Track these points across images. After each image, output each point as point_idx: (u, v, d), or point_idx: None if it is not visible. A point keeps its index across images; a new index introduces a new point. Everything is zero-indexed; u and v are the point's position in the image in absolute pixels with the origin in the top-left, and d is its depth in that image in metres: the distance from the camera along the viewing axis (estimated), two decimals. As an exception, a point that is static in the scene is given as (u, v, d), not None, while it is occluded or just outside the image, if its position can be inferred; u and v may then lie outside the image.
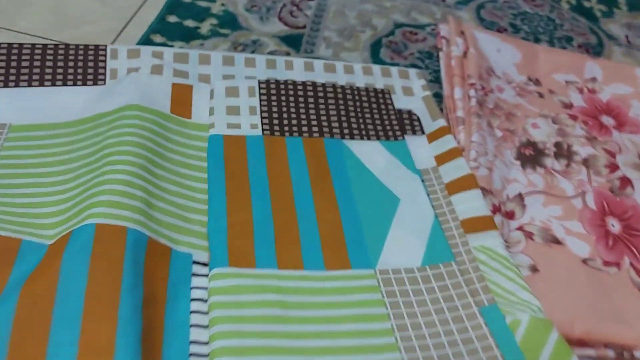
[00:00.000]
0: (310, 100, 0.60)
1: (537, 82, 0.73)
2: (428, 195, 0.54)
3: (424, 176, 0.57)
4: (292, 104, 0.60)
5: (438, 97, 0.70)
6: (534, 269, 0.50)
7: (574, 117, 0.68)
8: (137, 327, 0.36)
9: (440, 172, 0.57)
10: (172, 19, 0.72)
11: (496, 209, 0.54)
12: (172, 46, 0.67)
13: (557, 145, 0.63)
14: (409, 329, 0.42)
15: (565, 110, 0.69)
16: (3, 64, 0.56)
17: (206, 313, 0.41)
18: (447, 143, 0.59)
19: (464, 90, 0.66)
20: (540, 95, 0.71)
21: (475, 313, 0.43)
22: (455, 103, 0.65)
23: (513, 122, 0.65)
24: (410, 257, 0.48)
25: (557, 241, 0.53)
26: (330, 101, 0.61)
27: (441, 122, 0.62)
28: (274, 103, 0.59)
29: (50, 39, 0.65)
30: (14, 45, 0.57)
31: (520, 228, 0.54)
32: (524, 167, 0.60)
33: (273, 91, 0.60)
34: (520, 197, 0.57)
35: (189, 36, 0.70)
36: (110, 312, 0.36)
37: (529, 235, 0.53)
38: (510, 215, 0.55)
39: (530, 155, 0.62)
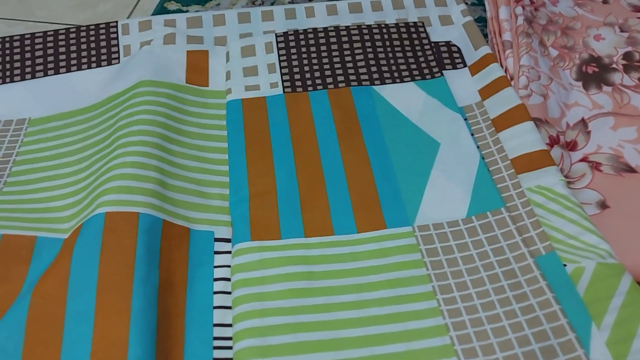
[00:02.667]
0: (334, 47, 0.55)
1: (600, -14, 0.63)
2: (472, 134, 0.48)
3: (467, 114, 0.50)
4: (313, 55, 0.55)
5: (482, 21, 0.62)
6: (602, 206, 0.43)
7: (647, 20, 0.58)
8: (151, 317, 0.34)
9: (485, 106, 0.50)
10: (187, -18, 0.68)
11: (554, 141, 0.47)
12: (186, 11, 0.64)
13: (627, 56, 0.54)
14: (453, 290, 0.37)
15: (636, 14, 0.59)
16: (18, 56, 0.55)
17: (230, 293, 0.38)
18: (492, 73, 0.52)
19: (510, 8, 0.58)
20: (604, 1, 0.61)
21: (530, 265, 0.38)
22: (501, 25, 0.57)
23: (571, 37, 0.57)
24: (453, 208, 0.43)
25: (630, 169, 0.45)
26: (356, 45, 0.55)
27: (485, 50, 0.54)
28: (294, 56, 0.54)
29: (68, 24, 0.64)
30: (26, 36, 0.56)
31: (584, 159, 0.46)
32: (587, 88, 0.52)
33: (292, 43, 0.55)
34: (583, 122, 0.49)
35: (205, -2, 0.66)
36: (123, 304, 0.34)
37: (596, 166, 0.46)
38: (571, 146, 0.47)
39: (594, 73, 0.53)
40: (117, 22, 0.58)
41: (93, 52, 0.56)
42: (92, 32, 0.57)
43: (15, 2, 0.67)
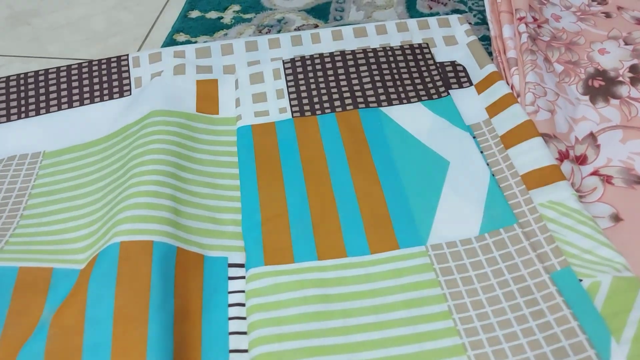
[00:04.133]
0: (340, 71, 0.56)
1: (602, 1, 0.64)
2: (481, 152, 0.48)
3: (475, 132, 0.51)
4: (320, 79, 0.55)
5: (486, 40, 0.63)
6: (616, 219, 0.43)
7: (651, 33, 0.58)
8: (168, 345, 0.34)
9: (493, 124, 0.51)
10: (194, 14, 0.70)
11: (563, 156, 0.47)
12: (195, 42, 0.65)
13: (633, 68, 0.54)
14: (469, 308, 0.37)
15: (639, 27, 0.59)
16: (32, 92, 0.57)
17: (245, 318, 0.38)
18: (498, 90, 0.52)
19: (513, 26, 0.59)
20: (607, 16, 0.61)
21: (545, 281, 0.37)
22: (505, 43, 0.58)
23: (575, 52, 0.57)
24: (465, 226, 0.43)
25: (642, 181, 0.45)
26: (362, 68, 0.56)
27: (490, 68, 0.55)
28: (302, 82, 0.55)
29: (80, 58, 0.65)
30: (40, 72, 0.58)
31: (595, 172, 0.46)
32: (594, 101, 0.52)
33: (299, 69, 0.56)
34: (592, 136, 0.49)
35: (212, 28, 0.67)
36: (140, 333, 0.34)
37: (607, 180, 0.46)
38: (581, 160, 0.48)
39: (601, 87, 0.53)
40: (127, 55, 0.59)
41: (105, 85, 0.57)
42: (103, 66, 0.58)
43: (28, 39, 0.68)
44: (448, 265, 0.40)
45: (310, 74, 0.56)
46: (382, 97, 0.54)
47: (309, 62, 0.57)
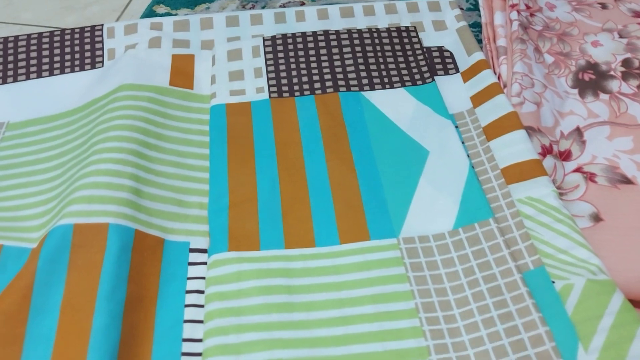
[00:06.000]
0: (323, 51, 0.54)
1: (599, -9, 0.61)
2: (463, 142, 0.46)
3: (458, 121, 0.49)
4: (301, 59, 0.53)
5: (478, 26, 0.61)
6: (596, 219, 0.41)
7: (647, 26, 0.56)
8: (114, 335, 0.33)
9: (477, 114, 0.49)
10: (177, -15, 0.67)
11: (546, 151, 0.45)
12: (175, 15, 0.63)
13: (626, 63, 0.53)
14: (437, 309, 0.36)
15: (636, 20, 0.57)
16: (0, 59, 0.54)
17: (203, 306, 0.37)
18: (484, 79, 0.50)
19: (505, 14, 0.57)
20: (603, 7, 0.59)
21: (516, 281, 0.36)
22: (495, 31, 0.56)
23: (568, 43, 0.55)
24: (440, 219, 0.41)
25: (626, 180, 0.44)
26: (345, 50, 0.54)
27: (478, 56, 0.53)
28: (282, 61, 0.53)
29: (54, 27, 0.62)
30: (10, 39, 0.55)
31: (578, 169, 0.45)
32: (583, 95, 0.50)
33: (280, 47, 0.54)
34: (578, 131, 0.47)
35: (194, 1, 0.65)
36: (84, 324, 0.32)
37: (591, 177, 0.44)
38: (565, 156, 0.46)
39: (591, 80, 0.51)
40: (102, 25, 0.57)
41: (77, 56, 0.55)
42: (76, 36, 0.56)
43: (2, 4, 0.65)
44: (419, 260, 0.38)
45: (291, 54, 0.54)
46: (365, 81, 0.52)
47: (290, 40, 0.55)
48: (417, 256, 0.39)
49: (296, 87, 0.51)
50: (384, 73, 0.52)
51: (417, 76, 0.52)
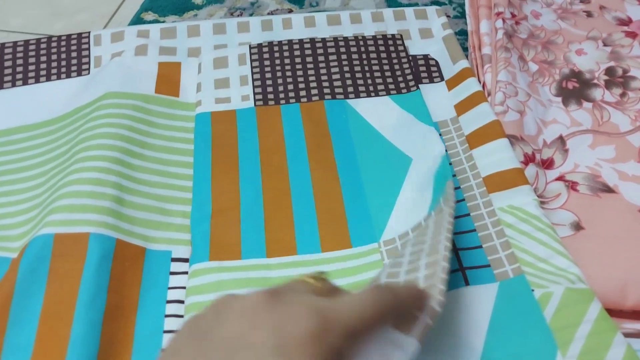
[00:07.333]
0: (309, 59, 0.54)
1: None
2: (446, 151, 0.47)
3: (441, 129, 0.49)
4: (287, 67, 0.53)
5: (464, 34, 0.61)
6: (577, 227, 0.42)
7: (632, 35, 0.57)
8: (92, 345, 0.33)
9: (460, 122, 0.49)
10: (166, -8, 0.67)
11: (529, 159, 0.45)
12: (163, 22, 0.63)
13: (609, 71, 0.53)
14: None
15: (620, 28, 0.58)
16: (-14, 67, 0.54)
17: (183, 316, 0.37)
18: (469, 87, 0.51)
19: (491, 22, 0.57)
20: (589, 15, 0.59)
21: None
22: (481, 39, 0.56)
23: (552, 52, 0.55)
24: (420, 215, 0.41)
25: (608, 189, 0.44)
26: (331, 57, 0.54)
27: (463, 64, 0.53)
28: (267, 69, 0.53)
29: (42, 34, 0.63)
30: (-4, 46, 0.55)
31: (560, 178, 0.45)
32: (567, 104, 0.51)
33: (266, 55, 0.54)
34: (561, 140, 0.48)
35: (183, 8, 0.65)
36: (62, 333, 0.32)
37: (572, 186, 0.44)
38: (548, 164, 0.46)
39: (575, 89, 0.52)
40: (89, 32, 0.57)
41: (63, 63, 0.55)
42: (63, 43, 0.56)
43: (-10, 10, 0.66)
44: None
45: (277, 61, 0.54)
46: (350, 89, 0.52)
47: (276, 48, 0.55)
48: (396, 253, 0.39)
49: (282, 95, 0.51)
50: (369, 81, 0.52)
51: (402, 84, 0.52)
